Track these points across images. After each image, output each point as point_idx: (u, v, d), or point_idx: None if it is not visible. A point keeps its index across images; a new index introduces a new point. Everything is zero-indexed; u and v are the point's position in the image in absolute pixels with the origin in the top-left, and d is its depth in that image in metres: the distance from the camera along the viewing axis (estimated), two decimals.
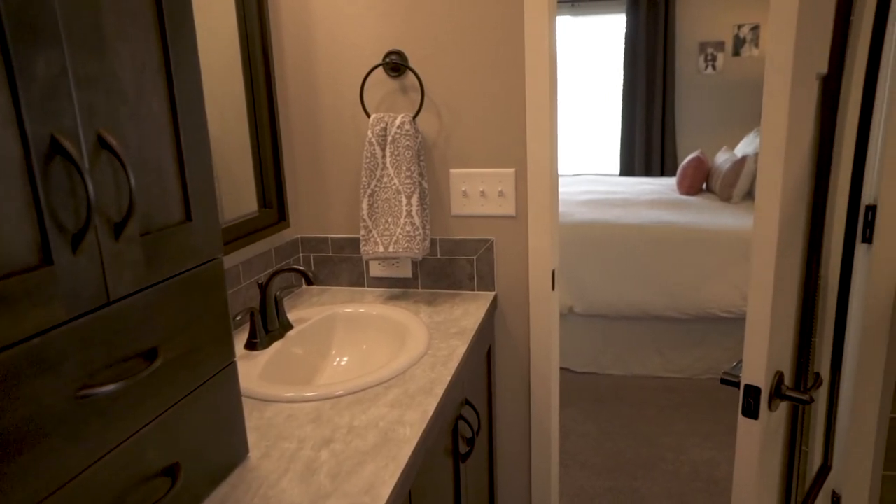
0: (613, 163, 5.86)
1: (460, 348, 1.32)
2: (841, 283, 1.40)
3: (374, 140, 1.56)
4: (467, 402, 1.37)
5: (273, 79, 1.56)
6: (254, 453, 0.94)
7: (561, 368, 3.34)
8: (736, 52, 5.39)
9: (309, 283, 1.32)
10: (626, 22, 5.40)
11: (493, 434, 1.75)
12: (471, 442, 1.39)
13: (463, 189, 1.64)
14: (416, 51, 1.60)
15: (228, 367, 0.88)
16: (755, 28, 5.29)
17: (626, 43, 5.44)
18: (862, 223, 1.50)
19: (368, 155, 1.57)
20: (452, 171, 1.64)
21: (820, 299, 1.59)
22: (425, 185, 1.62)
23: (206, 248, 0.83)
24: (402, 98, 1.63)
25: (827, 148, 1.07)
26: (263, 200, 1.57)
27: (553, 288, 1.67)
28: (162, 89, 0.75)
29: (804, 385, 1.15)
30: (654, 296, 3.07)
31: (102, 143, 0.65)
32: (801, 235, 1.10)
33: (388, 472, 0.89)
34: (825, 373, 1.59)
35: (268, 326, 1.34)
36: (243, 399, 1.12)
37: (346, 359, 1.43)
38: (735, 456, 1.03)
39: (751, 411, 0.99)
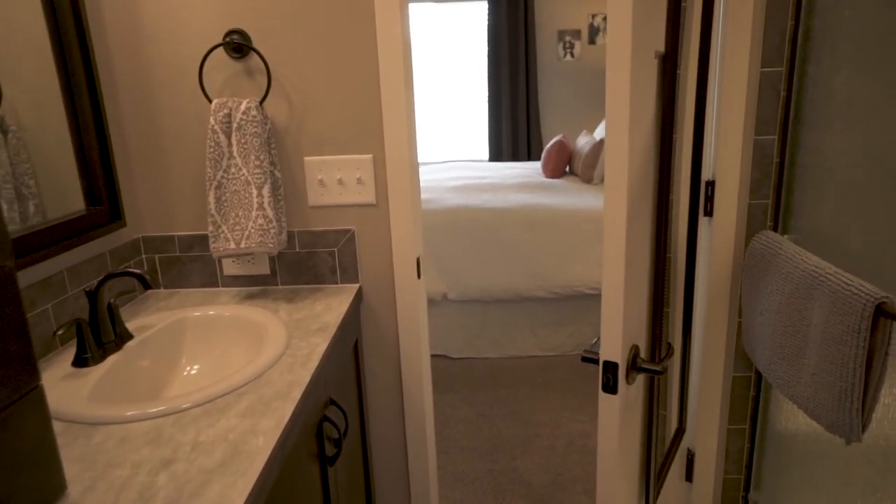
0: (483, 149, 5.97)
1: (321, 346, 1.24)
2: (688, 255, 1.48)
3: (217, 127, 1.43)
4: (332, 402, 1.30)
5: (93, 59, 1.38)
6: (75, 488, 0.82)
7: (438, 355, 3.35)
8: (591, 41, 5.65)
9: (147, 287, 1.19)
10: (488, 10, 5.48)
11: (367, 430, 1.69)
12: (338, 443, 1.32)
13: (319, 178, 1.55)
14: (260, 30, 1.48)
15: (32, 393, 0.75)
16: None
17: (489, 31, 5.53)
18: (703, 198, 1.59)
19: (212, 144, 1.44)
20: (307, 159, 1.55)
21: (670, 272, 1.68)
22: (278, 174, 1.52)
23: None
24: (247, 81, 1.51)
25: (669, 126, 1.11)
26: (91, 197, 1.40)
27: (419, 276, 1.63)
28: None
29: (658, 356, 1.19)
30: (524, 277, 3.14)
31: None
32: (649, 212, 1.13)
33: (237, 490, 0.80)
34: (678, 341, 1.68)
35: (101, 339, 1.19)
36: (67, 425, 0.97)
37: (197, 367, 1.31)
38: (598, 430, 1.05)
39: (610, 386, 1.00)
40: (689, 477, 1.79)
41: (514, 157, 5.70)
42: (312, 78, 1.50)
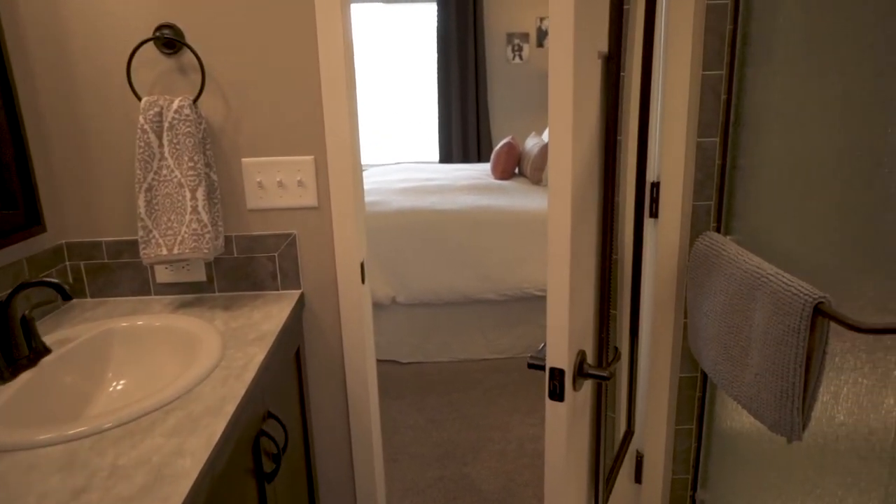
0: (433, 150, 5.94)
1: (259, 356, 1.18)
2: (634, 257, 1.48)
3: (147, 127, 1.35)
4: (271, 415, 1.24)
5: (5, 52, 1.28)
6: None
7: (387, 361, 3.29)
8: (539, 44, 5.70)
9: (66, 297, 1.10)
10: (437, 12, 5.46)
11: (310, 441, 1.63)
12: (277, 458, 1.26)
13: (258, 180, 1.49)
14: (194, 25, 1.41)
15: None
16: None
17: (438, 32, 5.51)
18: (649, 199, 1.60)
19: (142, 144, 1.36)
20: (245, 160, 1.48)
21: (617, 273, 1.68)
22: (214, 176, 1.44)
23: None
24: (180, 79, 1.44)
25: (613, 127, 1.09)
26: (4, 200, 1.29)
27: (363, 281, 1.58)
28: None
29: (605, 361, 1.18)
30: (473, 280, 3.12)
31: None
32: (594, 214, 1.11)
33: None
34: (625, 342, 1.68)
35: (12, 355, 1.10)
36: None
37: (123, 382, 1.22)
38: (545, 437, 1.02)
39: (556, 394, 0.98)
40: (638, 478, 1.80)
41: (465, 159, 5.70)
42: (250, 76, 1.44)
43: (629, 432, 1.56)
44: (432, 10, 5.59)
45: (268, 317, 1.39)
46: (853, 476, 1.19)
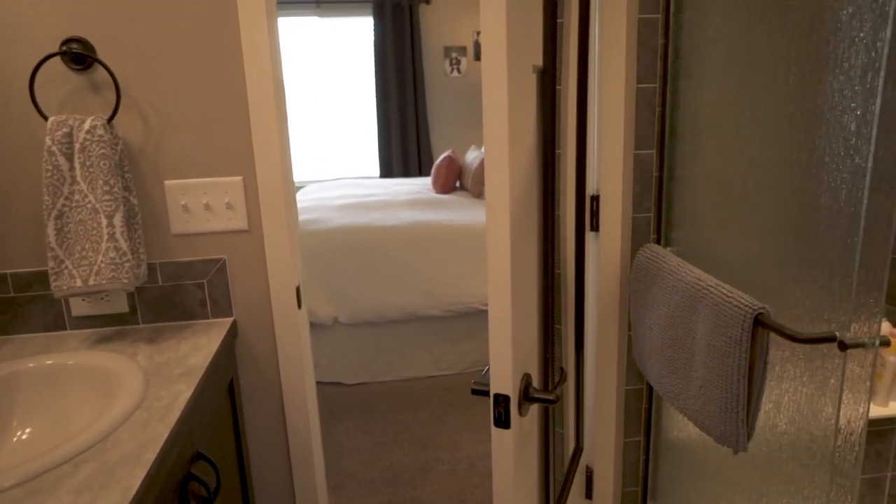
0: (373, 165, 5.87)
1: (185, 393, 1.10)
2: (577, 271, 1.46)
3: (55, 149, 1.25)
4: (200, 457, 1.15)
5: None
6: None
7: (331, 383, 3.20)
8: (477, 57, 5.73)
9: None
10: (374, 25, 5.42)
11: (248, 478, 1.54)
12: (207, 502, 1.17)
13: (183, 203, 1.40)
14: (106, 39, 1.32)
15: None
16: None
17: (376, 46, 5.47)
18: (589, 212, 1.59)
19: (50, 167, 1.25)
20: (168, 182, 1.39)
21: (560, 288, 1.66)
22: (133, 201, 1.35)
23: None
24: (93, 97, 1.34)
25: (550, 140, 1.07)
26: None
27: (300, 305, 1.51)
28: None
29: (552, 382, 1.15)
30: (417, 296, 3.07)
31: None
32: (534, 230, 1.09)
33: None
34: (570, 357, 1.66)
35: None
36: None
37: (29, 430, 1.11)
38: (492, 465, 0.98)
39: (502, 421, 0.94)
40: (589, 494, 1.78)
41: (406, 174, 5.65)
42: (170, 93, 1.35)
43: (578, 448, 1.54)
44: (368, 23, 5.55)
45: (196, 348, 1.30)
46: (796, 484, 1.19)
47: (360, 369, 3.18)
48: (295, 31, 5.47)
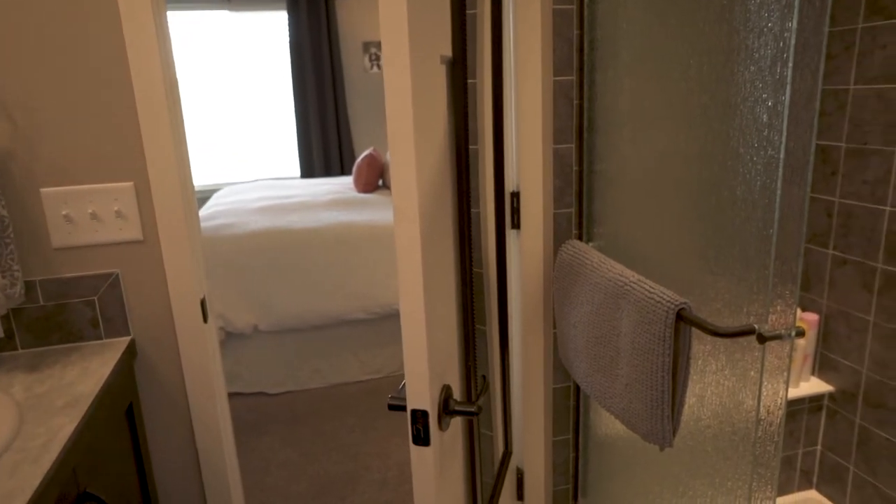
0: (294, 166, 5.69)
1: (67, 427, 0.98)
2: (498, 270, 1.41)
3: None
4: (88, 496, 1.03)
5: None
6: None
7: (253, 394, 3.05)
8: None
9: None
10: (288, 20, 5.23)
11: None
12: None
13: (64, 213, 1.26)
14: None
15: None
16: None
17: (291, 41, 5.28)
18: (509, 209, 1.55)
19: None
20: (44, 190, 1.24)
21: (484, 289, 1.62)
22: (3, 212, 1.20)
23: None
24: None
25: (464, 135, 1.01)
26: None
27: (205, 319, 1.39)
28: None
29: (475, 391, 1.09)
30: (341, 300, 2.97)
31: None
32: (450, 231, 1.03)
33: None
34: (496, 358, 1.62)
35: None
36: None
37: None
38: (413, 486, 0.91)
39: (421, 438, 0.87)
40: (520, 496, 1.75)
41: (327, 173, 5.51)
42: (44, 92, 1.21)
43: (507, 453, 1.50)
44: (283, 17, 5.35)
45: (85, 374, 1.17)
46: (720, 476, 1.19)
47: (285, 378, 3.05)
48: (204, 25, 5.21)
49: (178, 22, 5.13)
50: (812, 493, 1.98)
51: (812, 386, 1.88)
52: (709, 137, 1.09)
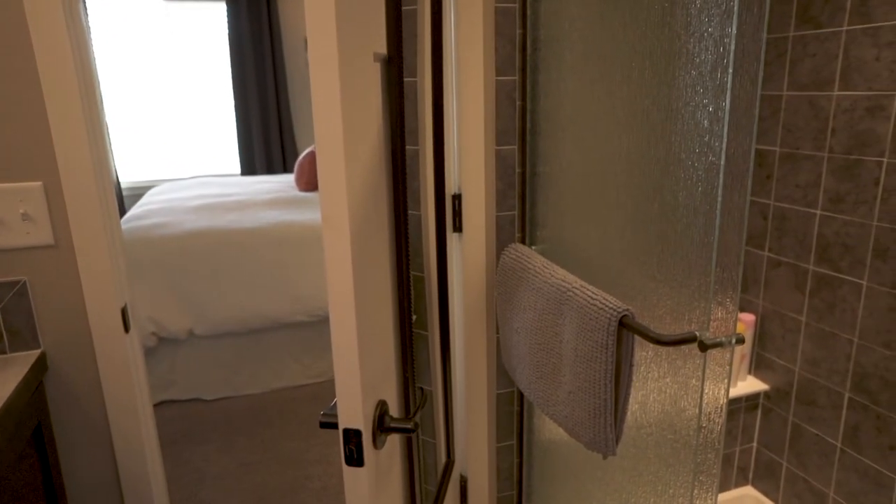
0: (234, 163, 5.51)
1: None
2: (440, 275, 1.37)
3: None
4: None
5: None
6: None
7: (189, 400, 2.92)
8: None
9: None
10: (227, 12, 5.05)
11: None
12: None
13: None
14: None
15: None
16: None
17: (230, 34, 5.11)
18: (451, 212, 1.51)
19: None
20: None
21: (426, 295, 1.57)
22: None
23: None
24: None
25: (400, 135, 0.97)
26: None
27: (127, 328, 1.30)
28: None
29: (413, 404, 1.05)
30: (282, 302, 2.87)
31: None
32: (387, 237, 0.98)
33: None
34: (437, 365, 1.58)
35: None
36: None
37: None
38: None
39: (354, 459, 0.82)
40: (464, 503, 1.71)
41: (269, 170, 5.35)
42: None
43: (450, 462, 1.46)
44: (221, 9, 5.17)
45: None
46: (663, 484, 1.18)
47: (222, 383, 2.93)
48: (138, 17, 4.98)
49: (111, 11, 4.89)
50: (748, 490, 2.03)
51: (748, 385, 1.91)
52: (651, 142, 1.08)
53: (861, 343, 1.61)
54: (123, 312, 1.29)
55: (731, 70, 0.90)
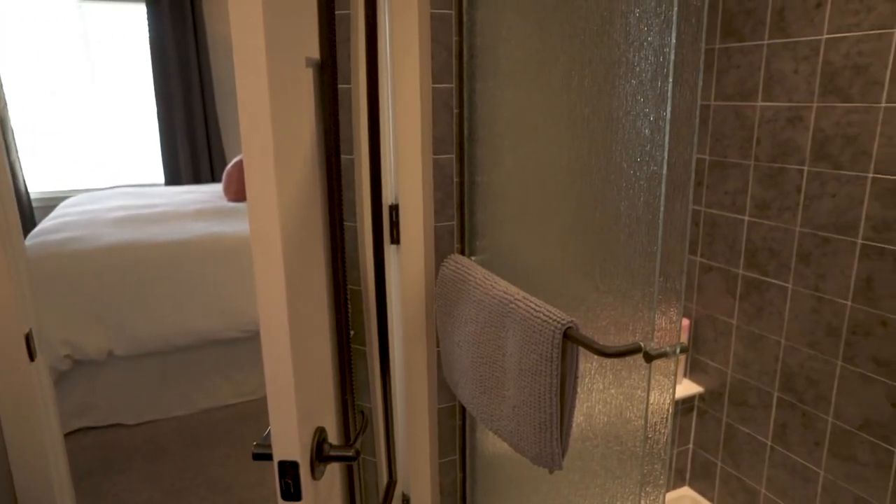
0: (157, 171, 5.26)
1: None
2: (377, 289, 1.32)
3: None
4: None
5: None
6: None
7: (109, 426, 2.74)
8: None
9: None
10: (147, 14, 4.82)
11: None
12: None
13: None
14: None
15: None
16: None
17: (151, 37, 4.88)
18: (388, 224, 1.46)
19: None
20: None
21: (364, 309, 1.52)
22: None
23: None
24: None
25: (334, 144, 0.91)
26: None
27: (32, 356, 1.18)
28: None
29: (354, 429, 0.99)
30: (210, 318, 2.73)
31: None
32: (321, 250, 0.92)
33: None
34: (377, 381, 1.52)
35: None
36: None
37: None
38: None
39: (291, 493, 0.76)
40: None
41: (196, 180, 5.14)
42: None
43: (392, 482, 1.40)
44: (141, 11, 4.94)
45: None
46: (609, 496, 1.17)
47: (146, 406, 2.77)
48: (52, 17, 4.68)
49: (20, 11, 4.58)
50: (686, 490, 2.06)
51: (684, 388, 1.95)
52: (592, 151, 1.06)
53: (788, 344, 1.67)
54: (28, 338, 1.17)
55: (671, 79, 0.90)
